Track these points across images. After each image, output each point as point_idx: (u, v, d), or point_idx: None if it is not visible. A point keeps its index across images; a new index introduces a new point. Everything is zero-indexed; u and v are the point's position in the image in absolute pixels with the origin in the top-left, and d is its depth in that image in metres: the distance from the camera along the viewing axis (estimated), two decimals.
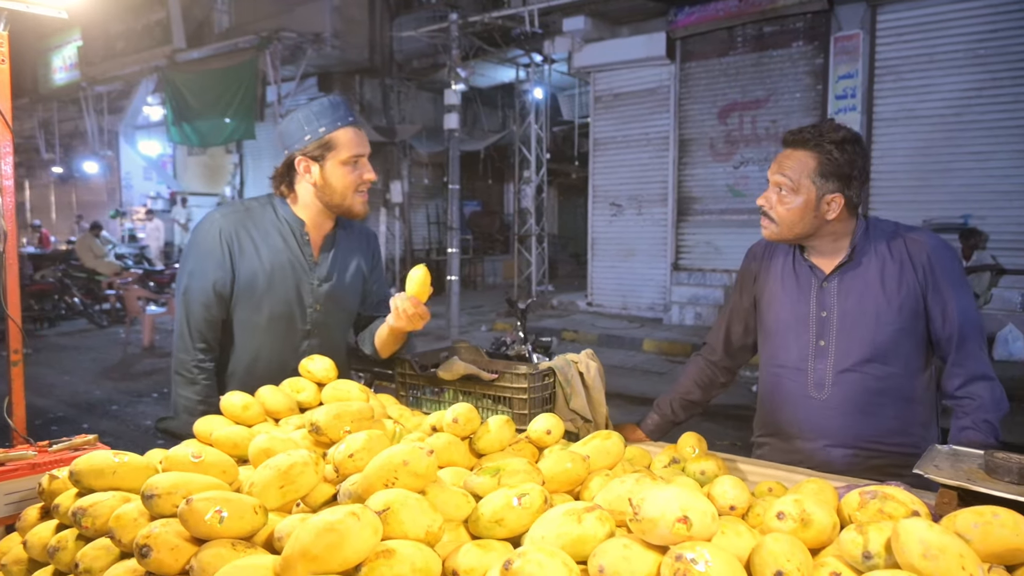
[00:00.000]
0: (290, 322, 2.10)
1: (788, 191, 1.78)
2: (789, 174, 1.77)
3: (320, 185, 2.00)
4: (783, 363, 1.96)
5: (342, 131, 1.98)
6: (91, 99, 17.54)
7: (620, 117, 11.76)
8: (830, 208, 1.77)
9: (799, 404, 1.91)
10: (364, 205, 2.07)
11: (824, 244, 1.87)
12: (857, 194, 1.80)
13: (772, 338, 1.99)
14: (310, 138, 1.96)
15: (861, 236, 1.84)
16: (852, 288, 1.84)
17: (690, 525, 0.90)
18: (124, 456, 1.32)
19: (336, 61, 13.83)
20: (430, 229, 16.77)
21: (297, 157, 1.99)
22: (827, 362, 1.86)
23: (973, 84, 8.75)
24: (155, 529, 1.09)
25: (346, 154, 1.97)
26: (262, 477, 1.21)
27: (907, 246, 1.80)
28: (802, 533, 1.02)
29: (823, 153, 1.74)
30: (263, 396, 1.80)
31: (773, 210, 1.81)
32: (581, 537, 0.99)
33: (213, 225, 2.04)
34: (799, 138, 1.78)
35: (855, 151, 1.75)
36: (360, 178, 2.02)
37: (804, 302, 1.91)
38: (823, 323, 1.87)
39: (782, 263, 1.98)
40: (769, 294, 2.00)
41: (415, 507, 1.08)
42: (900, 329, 1.80)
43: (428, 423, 1.66)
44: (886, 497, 1.10)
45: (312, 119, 1.97)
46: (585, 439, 1.45)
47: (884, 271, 1.81)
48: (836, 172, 1.74)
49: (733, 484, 1.20)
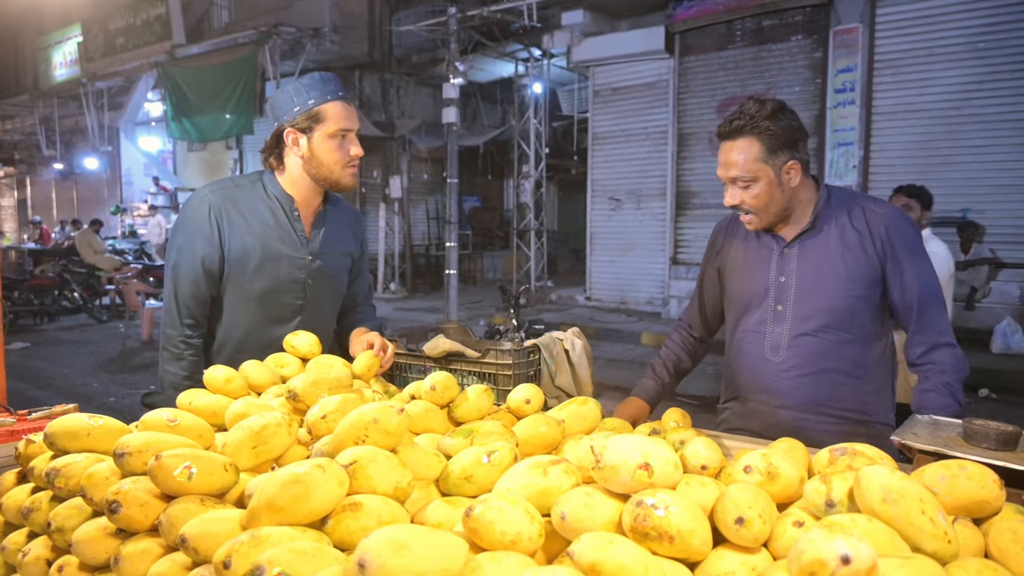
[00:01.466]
0: (282, 298, 2.10)
1: (748, 183, 1.80)
2: (740, 167, 1.79)
3: (308, 158, 2.00)
4: (744, 328, 2.01)
5: (331, 104, 1.98)
6: (91, 95, 17.57)
7: (619, 111, 11.74)
8: (791, 177, 1.81)
9: (756, 367, 1.96)
10: (352, 179, 2.07)
11: (794, 213, 1.90)
12: (805, 152, 1.84)
13: (734, 304, 2.05)
14: (299, 110, 1.97)
15: (824, 204, 1.88)
16: (811, 255, 1.88)
17: (651, 472, 0.90)
18: (99, 419, 1.32)
19: (335, 56, 13.83)
20: (429, 224, 16.77)
21: (286, 129, 1.99)
22: (784, 326, 1.91)
23: (972, 78, 8.72)
24: (125, 486, 1.10)
25: (334, 127, 1.97)
26: (235, 437, 1.21)
27: (866, 216, 1.83)
28: (768, 486, 1.02)
29: (761, 133, 1.76)
30: (246, 370, 1.80)
31: (745, 204, 1.84)
32: (546, 489, 0.99)
33: (203, 201, 2.04)
34: (733, 128, 1.80)
35: (788, 117, 1.78)
36: (348, 153, 2.02)
37: (765, 268, 1.95)
38: (782, 288, 1.92)
39: (744, 235, 2.03)
40: (732, 262, 2.05)
41: (384, 463, 1.08)
42: (856, 297, 1.84)
43: (407, 392, 1.67)
44: (855, 453, 1.10)
45: (302, 91, 1.98)
46: (562, 404, 1.46)
47: (843, 239, 1.84)
48: (782, 144, 1.77)
49: (705, 445, 1.20)
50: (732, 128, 1.80)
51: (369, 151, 15.26)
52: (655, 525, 0.85)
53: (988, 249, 8.40)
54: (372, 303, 2.49)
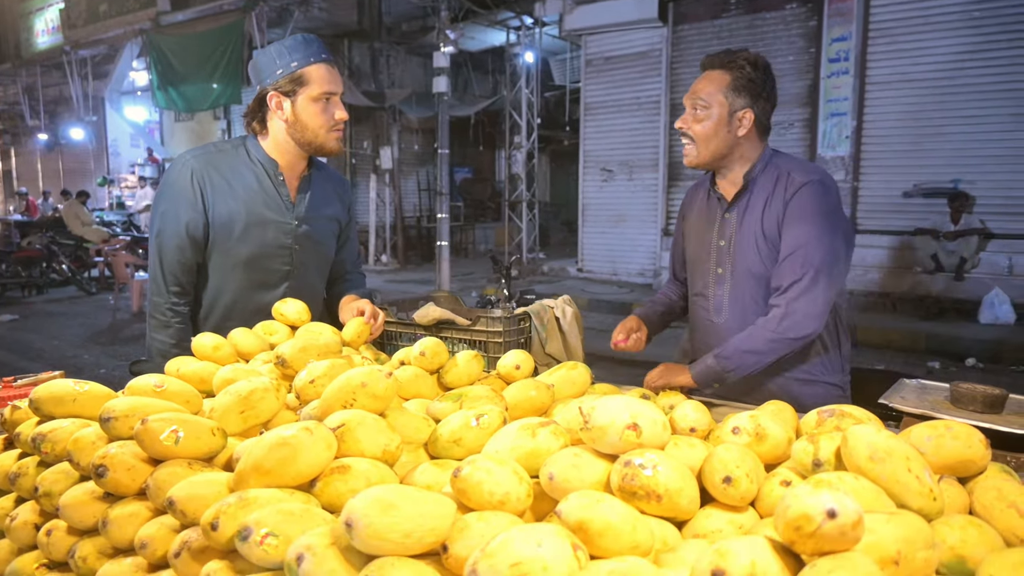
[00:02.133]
0: (268, 263, 2.08)
1: (702, 108, 1.85)
2: (703, 92, 1.85)
3: (291, 122, 1.97)
4: (697, 291, 2.08)
5: (315, 67, 1.94)
6: (75, 63, 17.21)
7: (611, 81, 11.62)
8: (741, 124, 1.85)
9: (705, 329, 2.04)
10: (337, 143, 2.04)
11: (733, 169, 1.93)
12: (766, 116, 1.88)
13: (689, 266, 2.13)
14: (282, 72, 1.93)
15: (759, 168, 1.91)
16: (744, 219, 1.93)
17: (640, 432, 0.90)
18: (85, 385, 1.31)
19: (324, 24, 13.59)
20: (420, 196, 16.65)
21: (269, 92, 1.96)
22: (724, 288, 1.98)
23: (967, 47, 8.66)
24: (111, 450, 1.09)
25: (318, 90, 1.94)
26: (222, 402, 1.21)
27: (786, 183, 1.86)
28: (757, 447, 1.03)
29: (736, 68, 1.83)
30: (235, 338, 1.80)
31: (690, 129, 1.88)
32: (535, 451, 0.99)
33: (185, 166, 2.01)
34: (714, 59, 1.88)
35: (766, 73, 1.85)
36: (332, 117, 1.99)
37: (709, 232, 2.01)
38: (721, 252, 1.98)
39: (700, 200, 2.10)
40: (688, 227, 2.13)
41: (372, 426, 1.08)
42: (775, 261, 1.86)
43: (396, 358, 1.66)
44: (843, 415, 1.10)
45: (285, 54, 1.94)
46: (551, 369, 1.45)
47: (766, 205, 1.88)
48: (747, 88, 1.82)
49: (694, 408, 1.20)
50: (713, 59, 1.89)
51: (359, 121, 15.09)
52: (643, 484, 0.85)
53: (978, 219, 8.43)
54: (361, 271, 2.48)
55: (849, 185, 9.37)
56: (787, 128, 10.09)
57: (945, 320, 8.14)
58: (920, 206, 8.97)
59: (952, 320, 8.12)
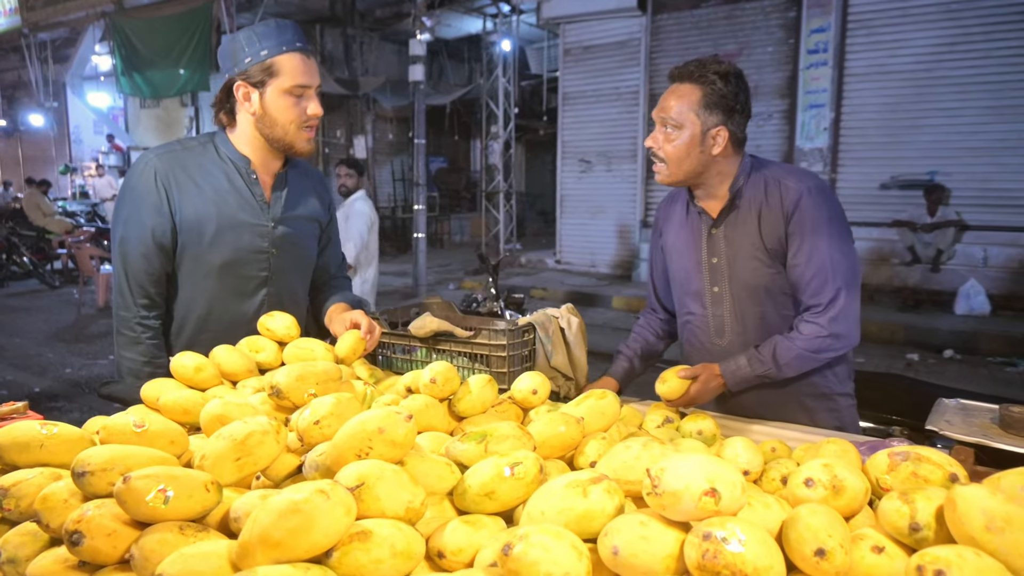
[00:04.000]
0: (243, 269, 1.90)
1: (673, 128, 1.74)
2: (673, 110, 1.73)
3: (259, 115, 1.79)
4: (689, 310, 1.97)
5: (288, 56, 1.75)
6: (34, 47, 16.58)
7: (590, 71, 11.49)
8: (715, 143, 1.74)
9: (706, 350, 1.93)
10: (309, 143, 1.86)
11: (712, 185, 1.83)
12: (741, 129, 1.78)
13: (677, 287, 2.02)
14: (251, 61, 1.75)
15: (743, 179, 1.81)
16: (734, 234, 1.83)
17: (719, 499, 0.77)
18: (54, 427, 1.15)
19: (295, 9, 13.23)
20: (395, 186, 16.39)
21: (237, 82, 1.78)
22: (723, 308, 1.88)
23: (945, 39, 8.69)
24: (88, 512, 0.93)
25: (289, 82, 1.76)
26: (215, 448, 1.05)
27: (781, 191, 1.76)
28: (833, 501, 0.91)
29: (707, 84, 1.71)
30: (218, 357, 1.64)
31: (661, 149, 1.77)
32: (587, 513, 0.86)
33: (147, 167, 1.81)
34: (683, 71, 1.75)
35: (738, 85, 1.73)
36: (304, 112, 1.80)
37: (696, 249, 1.91)
38: (715, 269, 1.88)
39: (679, 214, 1.99)
40: (670, 244, 2.02)
41: (393, 480, 0.94)
42: (779, 274, 1.79)
43: (402, 384, 1.52)
44: (920, 459, 0.99)
45: (255, 40, 1.75)
46: (578, 399, 1.32)
47: (760, 216, 1.79)
48: (719, 104, 1.71)
49: (745, 446, 1.08)
50: (682, 71, 1.76)
51: (332, 110, 14.77)
52: (728, 563, 0.73)
53: (954, 211, 8.48)
54: (347, 275, 2.31)
55: (827, 177, 9.38)
56: (766, 119, 10.07)
57: (921, 311, 8.21)
58: (897, 198, 9.01)
59: (928, 311, 8.19)
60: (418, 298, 10.09)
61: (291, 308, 1.93)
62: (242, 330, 1.84)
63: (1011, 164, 8.45)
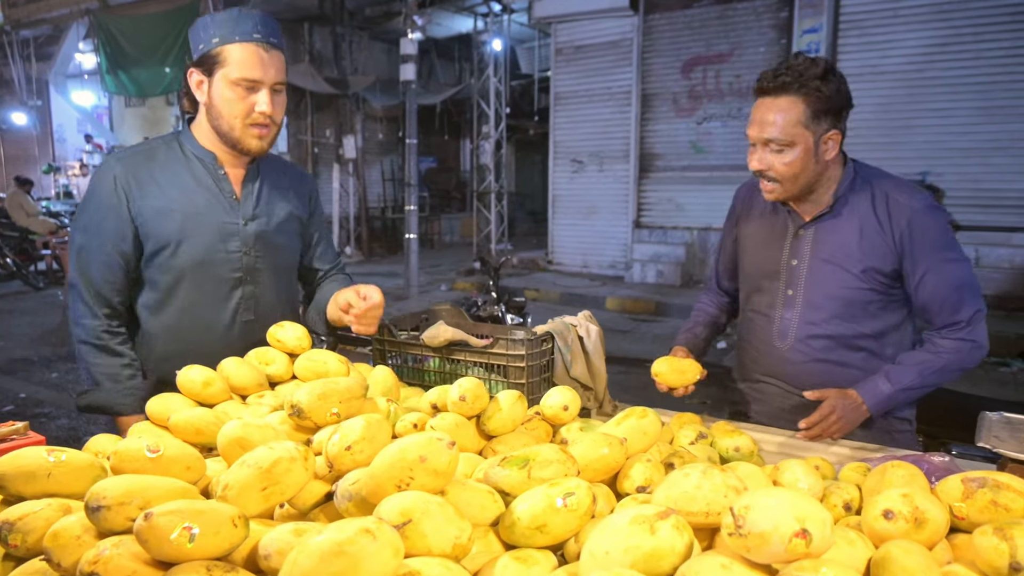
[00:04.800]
0: (215, 271, 1.78)
1: (782, 146, 1.63)
2: (777, 128, 1.61)
3: (208, 106, 1.70)
4: (755, 307, 1.91)
5: (239, 46, 1.64)
6: (16, 44, 16.32)
7: (582, 70, 11.44)
8: (828, 147, 1.66)
9: (763, 350, 1.88)
10: (258, 140, 1.73)
11: (817, 190, 1.75)
12: (846, 124, 1.69)
13: (746, 281, 1.95)
14: (203, 47, 1.66)
15: (847, 187, 1.73)
16: (827, 240, 1.75)
17: (810, 540, 0.71)
18: (61, 454, 1.06)
19: (283, 7, 13.06)
20: (385, 186, 16.26)
21: (189, 68, 1.70)
22: (794, 312, 1.81)
23: (936, 40, 8.72)
24: (105, 551, 0.85)
25: (236, 73, 1.64)
26: (239, 478, 0.97)
27: (889, 206, 1.69)
28: (915, 535, 0.85)
29: (810, 93, 1.59)
30: (227, 370, 1.56)
31: (772, 170, 1.66)
32: (655, 552, 0.79)
33: (107, 172, 1.71)
34: (778, 84, 1.61)
35: (838, 79, 1.63)
36: (252, 108, 1.68)
37: (777, 249, 1.84)
38: (793, 272, 1.80)
39: (762, 207, 1.90)
40: (746, 237, 1.94)
41: (439, 515, 0.86)
42: (871, 290, 1.73)
43: (427, 401, 1.44)
44: (998, 486, 0.93)
45: (210, 27, 1.66)
46: (618, 417, 1.25)
47: (862, 228, 1.71)
48: (828, 109, 1.61)
49: (805, 471, 1.02)
50: (776, 84, 1.62)
51: (320, 109, 14.63)
52: None
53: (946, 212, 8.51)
54: (346, 272, 2.16)
55: None
56: None
57: None
58: None
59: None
60: (409, 299, 9.99)
61: (270, 311, 1.84)
62: (218, 336, 1.77)
63: (1002, 164, 8.50)
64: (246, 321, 1.83)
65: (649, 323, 8.75)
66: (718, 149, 10.40)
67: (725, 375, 2.19)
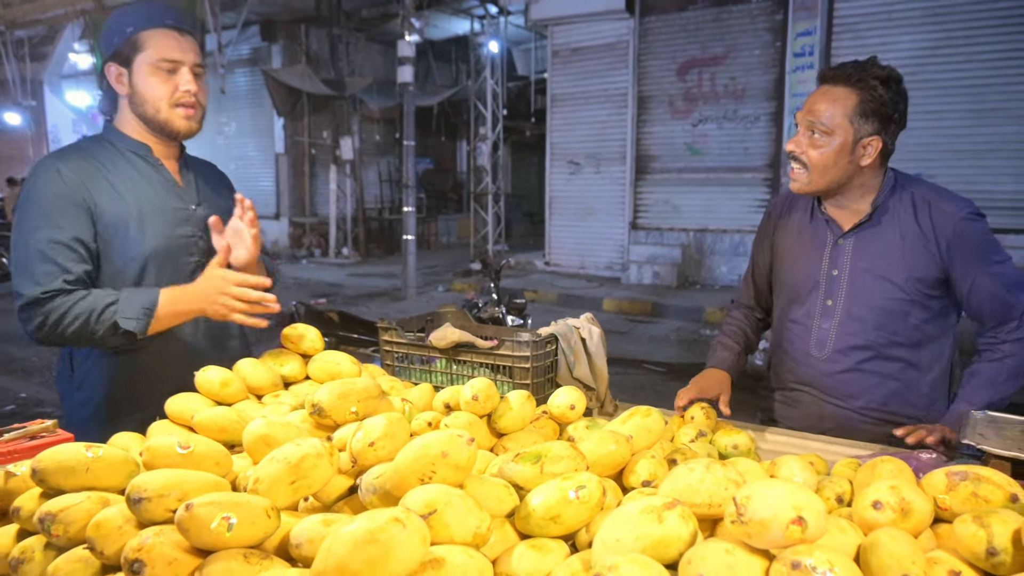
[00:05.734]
0: (175, 257, 1.80)
1: (822, 133, 1.65)
2: (824, 115, 1.64)
3: (131, 95, 1.74)
4: (792, 318, 1.90)
5: (153, 32, 1.70)
6: (11, 44, 16.31)
7: (578, 72, 11.52)
8: (866, 153, 1.66)
9: (800, 360, 1.88)
10: (186, 121, 1.76)
11: (849, 196, 1.77)
12: (892, 141, 1.70)
13: (783, 292, 1.95)
14: (118, 40, 1.70)
15: (886, 195, 1.74)
16: (867, 250, 1.75)
17: (805, 527, 0.77)
18: (99, 450, 1.12)
19: (280, 8, 13.13)
20: (382, 187, 16.31)
21: (108, 63, 1.73)
22: (832, 323, 1.81)
23: (928, 43, 8.82)
24: (147, 539, 0.91)
25: (155, 56, 1.69)
26: (269, 472, 1.04)
27: (932, 214, 1.70)
28: (902, 524, 0.91)
29: (866, 90, 1.61)
30: (243, 370, 1.62)
31: (804, 154, 1.69)
32: (663, 539, 0.86)
33: (49, 169, 1.69)
34: (839, 73, 1.66)
35: (899, 92, 1.64)
36: (176, 88, 1.72)
37: (817, 258, 1.83)
38: (833, 282, 1.80)
39: (800, 217, 1.91)
40: (784, 248, 1.94)
41: (460, 506, 0.93)
42: (912, 300, 1.73)
43: (440, 400, 1.51)
44: (979, 479, 0.99)
45: (122, 19, 1.71)
46: (623, 416, 1.32)
47: (905, 238, 1.71)
48: (877, 112, 1.62)
49: (800, 466, 1.09)
50: (838, 73, 1.66)
51: (317, 111, 14.67)
52: None
53: None
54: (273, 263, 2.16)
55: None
56: (753, 122, 10.16)
57: None
58: None
59: None
60: (407, 300, 10.05)
61: None
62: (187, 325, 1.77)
63: (994, 167, 8.60)
64: None
65: (646, 324, 8.83)
66: (714, 151, 10.49)
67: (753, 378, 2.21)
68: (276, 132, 15.06)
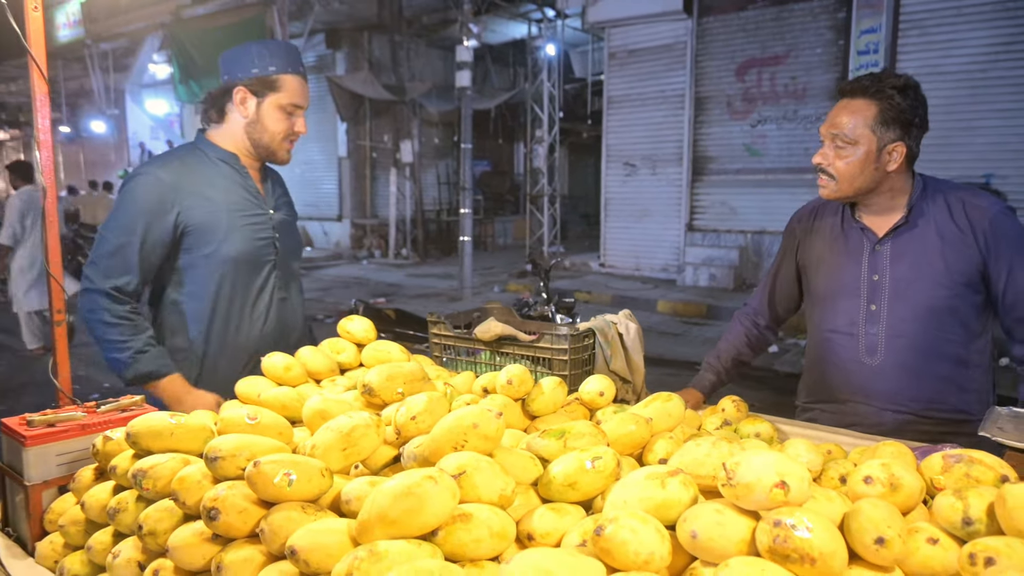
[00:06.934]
0: (256, 258, 2.05)
1: (846, 144, 1.72)
2: (846, 126, 1.71)
3: (252, 121, 1.99)
4: (834, 328, 1.91)
5: (291, 77, 1.99)
6: (96, 57, 17.32)
7: (635, 74, 11.53)
8: (891, 159, 1.71)
9: (851, 369, 1.88)
10: (288, 154, 2.08)
11: (880, 202, 1.81)
12: (917, 144, 1.75)
13: (821, 302, 1.95)
14: (257, 72, 1.95)
15: (919, 196, 1.78)
16: (906, 251, 1.79)
17: (788, 491, 0.87)
18: (180, 417, 1.30)
19: (344, 17, 13.57)
20: (440, 189, 16.64)
21: (238, 86, 1.96)
22: (879, 327, 1.83)
23: (1000, 39, 8.51)
24: (221, 492, 1.07)
25: (287, 100, 1.98)
26: (324, 439, 1.18)
27: (967, 211, 1.74)
28: (891, 497, 0.99)
29: (884, 99, 1.68)
30: (303, 357, 1.78)
31: (831, 166, 1.75)
32: (665, 502, 0.96)
33: (148, 176, 1.92)
34: (857, 86, 1.73)
35: (916, 97, 1.70)
36: (292, 128, 2.02)
37: (855, 265, 1.86)
38: (875, 287, 1.83)
39: (831, 225, 1.94)
40: (816, 258, 1.96)
41: (488, 470, 1.05)
42: (956, 295, 1.76)
43: (479, 384, 1.64)
44: (972, 461, 1.06)
45: (266, 55, 1.96)
46: (645, 400, 1.42)
47: (943, 236, 1.75)
48: (898, 119, 1.68)
49: (807, 448, 1.17)
50: (855, 86, 1.74)
51: (379, 115, 15.08)
52: (796, 547, 0.82)
53: None
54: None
55: None
56: (814, 122, 9.97)
57: None
58: None
59: None
60: (463, 300, 10.25)
61: (294, 285, 2.18)
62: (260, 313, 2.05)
63: None
64: (281, 299, 2.12)
65: (700, 326, 8.79)
66: (772, 152, 10.35)
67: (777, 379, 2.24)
68: (339, 136, 15.55)
